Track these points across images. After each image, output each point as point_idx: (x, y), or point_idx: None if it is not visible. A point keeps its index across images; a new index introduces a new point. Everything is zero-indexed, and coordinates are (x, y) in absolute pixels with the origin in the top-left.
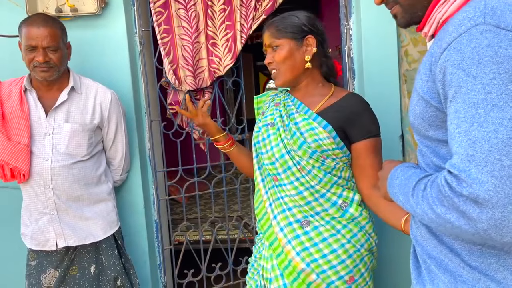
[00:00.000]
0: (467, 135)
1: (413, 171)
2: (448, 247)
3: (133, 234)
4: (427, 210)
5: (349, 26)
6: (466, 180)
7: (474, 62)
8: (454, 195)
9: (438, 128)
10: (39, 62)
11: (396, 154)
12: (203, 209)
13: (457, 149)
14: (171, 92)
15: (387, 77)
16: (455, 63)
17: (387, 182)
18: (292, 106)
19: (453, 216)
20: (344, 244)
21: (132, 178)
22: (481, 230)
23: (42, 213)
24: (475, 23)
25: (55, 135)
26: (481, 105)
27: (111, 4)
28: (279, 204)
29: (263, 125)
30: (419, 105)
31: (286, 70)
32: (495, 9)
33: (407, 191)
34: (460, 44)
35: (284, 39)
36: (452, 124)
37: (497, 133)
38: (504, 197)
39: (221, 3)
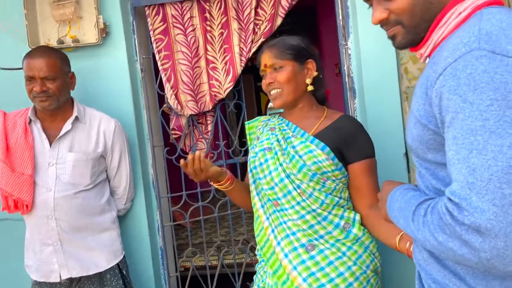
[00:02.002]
0: (466, 162)
1: (412, 194)
2: (452, 271)
3: (138, 262)
4: (428, 237)
5: (347, 46)
6: (467, 208)
7: (470, 88)
8: (455, 223)
9: (436, 151)
10: (36, 92)
11: (401, 172)
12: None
13: (457, 176)
14: (174, 117)
15: (388, 95)
16: (451, 89)
17: (387, 204)
18: (288, 130)
19: (455, 244)
20: (350, 267)
21: (136, 205)
22: (484, 259)
23: (45, 244)
24: (470, 48)
25: (58, 165)
26: (479, 132)
27: (112, 33)
28: (282, 229)
29: (259, 150)
30: (416, 128)
31: (289, 91)
32: (490, 34)
33: (407, 215)
34: (456, 70)
35: (288, 61)
36: (450, 150)
37: (497, 161)
38: (506, 226)
39: (220, 27)
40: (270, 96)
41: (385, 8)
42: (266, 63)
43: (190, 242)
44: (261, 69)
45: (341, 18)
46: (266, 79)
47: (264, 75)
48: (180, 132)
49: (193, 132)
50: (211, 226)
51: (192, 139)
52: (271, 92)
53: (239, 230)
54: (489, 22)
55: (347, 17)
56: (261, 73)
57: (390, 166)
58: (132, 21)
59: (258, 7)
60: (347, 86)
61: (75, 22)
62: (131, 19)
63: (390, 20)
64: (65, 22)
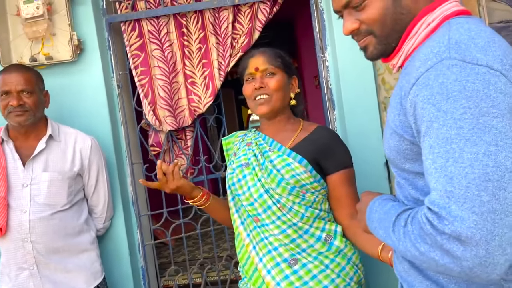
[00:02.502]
0: (443, 171)
1: (391, 204)
2: (434, 281)
3: (118, 283)
4: (410, 248)
5: (325, 58)
6: (447, 217)
7: (443, 97)
8: (436, 233)
9: (413, 161)
10: (13, 107)
11: (382, 181)
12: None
13: (435, 185)
14: (152, 133)
15: (367, 106)
16: (425, 99)
17: (366, 216)
18: (265, 144)
19: (437, 254)
20: (334, 280)
21: (116, 224)
22: (466, 268)
23: (21, 268)
24: (441, 58)
25: (33, 186)
26: (455, 140)
27: (87, 49)
28: (263, 245)
29: (237, 166)
30: (393, 139)
31: (278, 99)
32: (459, 43)
33: (387, 225)
34: (428, 80)
35: (280, 70)
36: (427, 159)
37: (473, 168)
38: (487, 233)
39: (197, 42)
40: (254, 102)
41: (356, 18)
42: (258, 67)
43: (172, 260)
44: (249, 72)
45: (318, 30)
46: (256, 83)
47: (252, 78)
48: (159, 149)
49: (173, 148)
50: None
51: (172, 155)
52: (258, 97)
53: (223, 246)
54: (458, 31)
55: (324, 29)
56: (248, 77)
57: (371, 176)
58: (108, 37)
59: (235, 21)
60: (326, 97)
61: (48, 39)
62: (106, 35)
63: (361, 30)
64: (38, 39)
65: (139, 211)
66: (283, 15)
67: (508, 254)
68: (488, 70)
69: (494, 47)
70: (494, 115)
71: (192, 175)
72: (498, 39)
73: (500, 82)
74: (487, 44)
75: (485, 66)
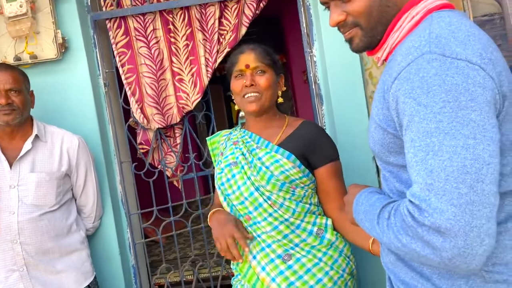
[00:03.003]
0: (424, 164)
1: (376, 197)
2: (418, 272)
3: (109, 283)
4: (393, 239)
5: (312, 53)
6: (427, 209)
7: (423, 91)
8: (417, 225)
9: (397, 154)
10: (1, 105)
11: (371, 175)
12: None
13: (416, 177)
14: (140, 132)
15: (354, 100)
16: (406, 93)
17: (353, 208)
18: (252, 142)
19: (418, 245)
20: (328, 272)
21: (105, 224)
22: (446, 259)
23: (11, 270)
24: (421, 52)
25: (20, 187)
26: (434, 134)
27: (72, 48)
28: (257, 243)
29: (225, 166)
30: (377, 132)
31: (267, 97)
32: (439, 38)
33: (372, 218)
34: (409, 74)
35: (270, 68)
36: (409, 152)
37: (452, 161)
38: (465, 225)
39: (184, 39)
40: (243, 99)
41: (343, 10)
42: (249, 64)
43: (163, 258)
44: (239, 68)
45: (305, 26)
46: (246, 80)
47: (241, 75)
48: (148, 147)
49: (162, 146)
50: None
51: (161, 153)
52: (248, 95)
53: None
54: (438, 25)
55: (311, 24)
56: (237, 73)
57: (359, 170)
58: (93, 34)
59: (222, 17)
60: (314, 92)
61: (32, 38)
62: (91, 33)
63: (348, 22)
64: (21, 38)
65: (128, 209)
66: (270, 10)
67: (486, 245)
68: (467, 64)
69: (473, 41)
70: (473, 109)
71: (181, 172)
72: (478, 33)
73: (479, 76)
74: (466, 38)
75: (464, 60)
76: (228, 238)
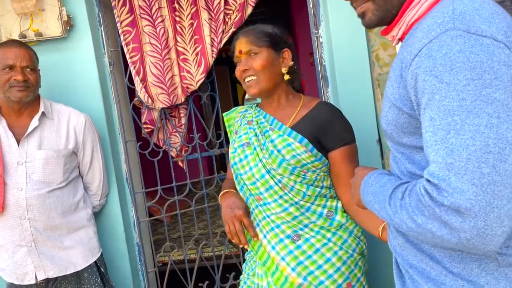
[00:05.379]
0: (444, 143)
1: (387, 178)
2: (428, 255)
3: (115, 259)
4: (406, 220)
5: (319, 34)
6: (447, 189)
7: (446, 69)
8: (435, 204)
9: (412, 134)
10: (17, 81)
11: (375, 158)
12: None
13: (435, 157)
14: (145, 111)
15: (360, 82)
16: (427, 70)
17: (360, 190)
18: (266, 123)
19: (435, 226)
20: (337, 252)
21: (110, 202)
22: (464, 239)
23: (19, 246)
24: (445, 28)
25: (28, 164)
26: (457, 112)
27: (77, 25)
28: (266, 223)
29: (238, 146)
30: (391, 112)
31: (265, 78)
32: (463, 14)
33: (382, 199)
34: (431, 50)
35: (264, 48)
36: (427, 132)
37: (475, 141)
38: (486, 205)
39: (189, 18)
40: (244, 85)
41: None
42: (241, 49)
43: (167, 237)
44: (236, 55)
45: (312, 6)
46: (240, 65)
47: (239, 61)
48: (153, 126)
49: (166, 126)
50: (189, 219)
51: (166, 132)
52: (246, 79)
53: (218, 222)
54: (462, 2)
55: (318, 5)
56: (235, 60)
57: (363, 153)
58: (98, 12)
59: None
60: (319, 74)
61: (37, 15)
62: (96, 11)
63: None
64: (26, 15)
65: (133, 188)
66: None
67: (505, 226)
68: (492, 42)
69: (498, 19)
70: (497, 87)
71: (186, 152)
72: (501, 11)
73: (503, 54)
74: (491, 15)
75: (489, 38)
76: (236, 223)
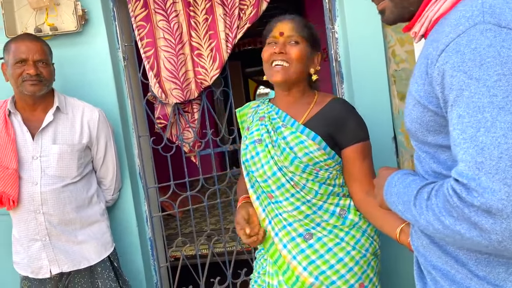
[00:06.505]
0: (473, 141)
1: (411, 178)
2: (453, 257)
3: (127, 254)
4: (432, 221)
5: (334, 29)
6: (477, 189)
7: (476, 64)
8: (464, 205)
9: (437, 133)
10: (29, 75)
11: (390, 156)
12: (199, 222)
13: (464, 156)
14: (158, 106)
15: (376, 79)
16: (455, 66)
17: (384, 190)
18: (278, 119)
19: (463, 227)
20: (349, 252)
21: (123, 196)
22: (495, 241)
23: (33, 240)
24: (474, 22)
25: (43, 158)
26: (487, 109)
27: (92, 20)
28: (278, 221)
29: (250, 142)
30: (416, 110)
31: (296, 70)
32: (493, 7)
33: (407, 200)
34: (459, 45)
35: (305, 41)
36: (455, 129)
37: (507, 138)
38: None
39: (204, 13)
40: (271, 67)
41: None
42: (283, 32)
43: (179, 232)
44: (273, 35)
45: (327, 1)
46: (277, 47)
47: (274, 43)
48: (166, 121)
49: (179, 121)
50: (201, 215)
51: (179, 128)
52: (275, 63)
53: (229, 218)
54: None
55: (334, 0)
56: (270, 40)
57: (378, 151)
58: (113, 7)
59: None
60: (334, 70)
61: (53, 10)
62: (111, 5)
63: None
64: (42, 9)
65: (146, 183)
66: None
67: None
68: None
69: None
70: None
71: (199, 148)
72: None
73: None
74: None
75: None
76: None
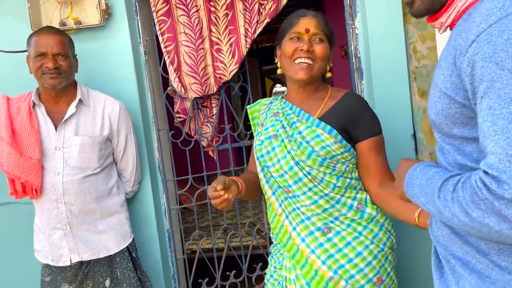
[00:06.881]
0: (505, 133)
1: (434, 170)
2: (475, 247)
3: (145, 245)
4: (458, 214)
5: (354, 25)
6: (508, 181)
7: (508, 55)
8: (493, 198)
9: (463, 125)
10: (48, 68)
11: (409, 153)
12: (215, 216)
13: (494, 148)
14: (178, 100)
15: (396, 75)
16: (486, 56)
17: (405, 182)
18: (292, 115)
19: (492, 220)
20: (368, 246)
21: (142, 189)
22: None
23: (55, 228)
24: (506, 13)
25: (65, 149)
26: None
27: (115, 15)
28: (296, 215)
29: (265, 138)
30: (441, 102)
31: (319, 68)
32: None
33: (430, 192)
34: (491, 36)
35: (327, 39)
36: (485, 121)
37: None
38: None
39: (224, 8)
40: (294, 64)
41: None
42: (309, 29)
43: (196, 225)
44: (298, 31)
45: None
46: (304, 44)
47: (298, 38)
48: (185, 116)
49: (198, 116)
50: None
51: (197, 122)
52: (299, 60)
53: (245, 213)
54: None
55: None
56: (293, 35)
57: (397, 148)
58: (135, 2)
59: None
60: (354, 66)
61: (77, 3)
62: (133, 0)
63: None
64: (66, 3)
65: (165, 176)
66: None
67: None
68: None
69: None
70: None
71: (217, 143)
72: None
73: None
74: None
75: None
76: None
